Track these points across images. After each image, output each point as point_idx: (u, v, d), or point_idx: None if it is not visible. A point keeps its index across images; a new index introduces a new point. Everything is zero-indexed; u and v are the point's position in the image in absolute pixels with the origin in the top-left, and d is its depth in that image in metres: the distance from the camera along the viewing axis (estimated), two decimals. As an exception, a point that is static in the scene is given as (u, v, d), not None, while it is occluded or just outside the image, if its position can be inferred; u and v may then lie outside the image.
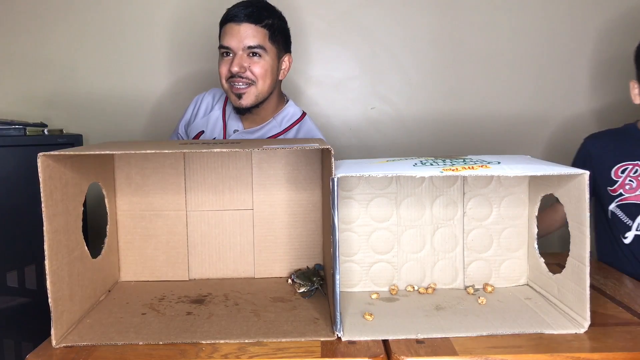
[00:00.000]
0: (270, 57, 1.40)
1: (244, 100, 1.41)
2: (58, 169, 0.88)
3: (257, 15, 1.38)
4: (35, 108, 1.96)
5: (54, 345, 0.84)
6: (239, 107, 1.43)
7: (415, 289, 1.07)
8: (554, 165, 0.89)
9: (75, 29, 1.96)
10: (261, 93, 1.42)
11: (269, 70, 1.41)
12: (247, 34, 1.37)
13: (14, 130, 1.57)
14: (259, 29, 1.38)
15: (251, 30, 1.37)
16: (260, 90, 1.41)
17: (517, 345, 0.81)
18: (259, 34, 1.38)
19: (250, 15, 1.37)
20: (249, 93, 1.40)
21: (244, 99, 1.40)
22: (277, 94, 1.52)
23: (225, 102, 1.56)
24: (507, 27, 1.97)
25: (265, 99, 1.44)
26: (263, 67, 1.39)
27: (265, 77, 1.40)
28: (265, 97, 1.44)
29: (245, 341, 0.84)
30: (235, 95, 1.41)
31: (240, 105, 1.42)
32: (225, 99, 1.56)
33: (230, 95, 1.43)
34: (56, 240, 0.86)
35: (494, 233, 1.07)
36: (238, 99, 1.41)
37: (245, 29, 1.37)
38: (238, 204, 1.16)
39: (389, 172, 0.86)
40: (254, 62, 1.39)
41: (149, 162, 1.14)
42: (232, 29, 1.38)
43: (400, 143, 2.02)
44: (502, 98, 2.00)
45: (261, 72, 1.39)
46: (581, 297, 0.86)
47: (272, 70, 1.42)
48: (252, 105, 1.42)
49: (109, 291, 1.08)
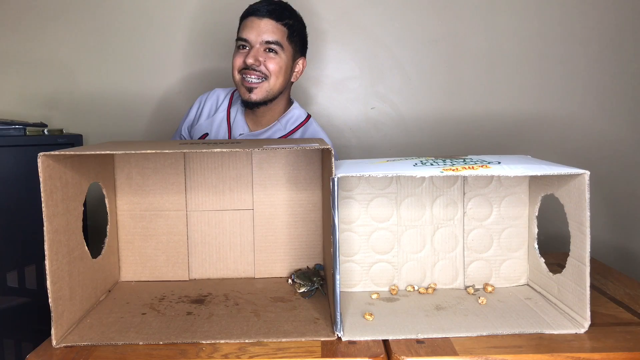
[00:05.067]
0: (285, 56, 1.41)
1: (255, 95, 1.40)
2: (58, 169, 0.88)
3: (279, 13, 1.39)
4: (36, 108, 1.96)
5: (54, 345, 0.84)
6: (248, 100, 1.42)
7: (415, 289, 1.07)
8: (554, 165, 0.89)
9: (76, 29, 1.96)
10: (272, 90, 1.41)
11: (283, 68, 1.41)
12: (267, 29, 1.38)
13: (14, 130, 1.57)
14: (279, 26, 1.39)
15: (271, 25, 1.38)
16: (272, 86, 1.41)
17: (517, 345, 0.81)
18: (278, 31, 1.39)
19: (273, 12, 1.39)
20: (260, 88, 1.40)
21: (254, 92, 1.40)
22: (286, 96, 1.51)
23: (230, 105, 1.55)
24: (507, 27, 1.97)
25: (274, 97, 1.44)
26: (278, 64, 1.40)
27: (279, 74, 1.40)
28: (275, 96, 1.43)
29: (246, 341, 0.84)
30: (246, 88, 1.40)
31: (249, 99, 1.41)
32: (229, 101, 1.55)
33: (240, 88, 1.43)
34: (56, 240, 0.86)
35: (494, 233, 1.07)
36: (248, 92, 1.40)
37: (265, 24, 1.38)
38: (238, 204, 1.16)
39: (389, 172, 0.86)
40: (269, 58, 1.39)
41: (149, 162, 1.14)
42: (253, 22, 1.39)
43: (400, 143, 2.02)
44: (502, 98, 2.00)
45: (275, 68, 1.39)
46: (581, 297, 0.86)
47: (286, 69, 1.42)
48: (262, 101, 1.42)
49: (109, 291, 1.09)
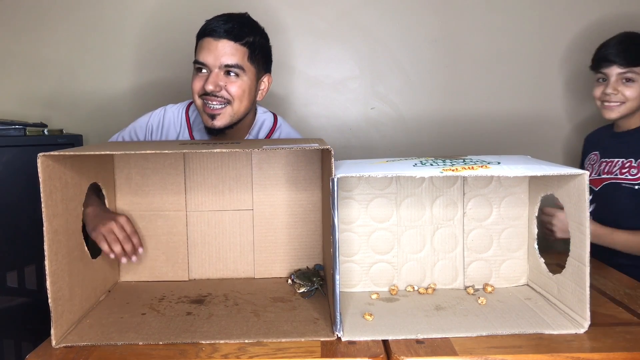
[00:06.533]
0: (248, 77, 1.30)
1: (218, 121, 1.29)
2: (58, 169, 0.88)
3: (237, 32, 1.27)
4: (35, 108, 1.96)
5: (54, 346, 0.84)
6: (212, 127, 1.31)
7: (415, 289, 1.07)
8: (553, 166, 0.89)
9: (75, 29, 1.96)
10: (237, 114, 1.31)
11: (247, 91, 1.31)
12: (225, 51, 1.26)
13: (14, 130, 1.57)
14: (239, 47, 1.27)
15: (229, 47, 1.26)
16: (235, 111, 1.30)
17: (517, 345, 0.81)
18: (237, 53, 1.27)
19: (230, 32, 1.26)
20: (223, 114, 1.29)
21: (217, 119, 1.29)
22: (252, 112, 1.41)
23: (190, 128, 1.43)
24: (508, 26, 1.97)
25: (240, 120, 1.34)
26: (240, 87, 1.29)
27: (242, 97, 1.30)
28: (240, 119, 1.34)
29: (245, 341, 0.84)
30: (209, 115, 1.30)
31: (213, 126, 1.30)
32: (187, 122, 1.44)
33: (202, 114, 1.32)
34: (56, 241, 0.86)
35: (494, 233, 1.07)
36: (211, 120, 1.29)
37: (223, 46, 1.26)
38: (238, 204, 1.16)
39: (389, 172, 0.86)
40: (230, 82, 1.28)
41: (149, 162, 1.14)
42: (210, 44, 1.27)
43: (400, 143, 2.02)
44: (502, 98, 2.00)
45: (238, 92, 1.28)
46: (581, 297, 0.86)
47: (249, 91, 1.31)
48: (226, 126, 1.32)
49: (109, 291, 1.09)
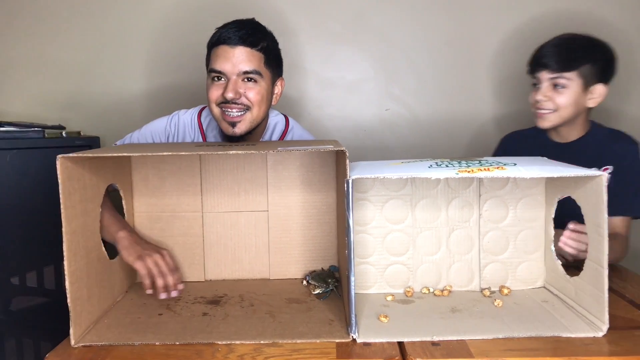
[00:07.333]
0: (265, 82, 1.30)
1: (238, 129, 1.29)
2: (76, 171, 0.89)
3: (252, 38, 1.27)
4: (54, 110, 1.99)
5: (73, 345, 0.85)
6: (233, 135, 1.32)
7: (430, 291, 1.06)
8: (570, 167, 0.88)
9: (92, 34, 1.98)
10: (256, 119, 1.32)
11: (265, 96, 1.31)
12: (242, 58, 1.26)
13: (33, 132, 1.59)
14: (255, 53, 1.28)
15: (246, 54, 1.27)
16: (255, 116, 1.31)
17: (534, 348, 0.80)
18: (254, 58, 1.28)
19: (245, 38, 1.27)
20: (244, 120, 1.29)
21: (238, 127, 1.29)
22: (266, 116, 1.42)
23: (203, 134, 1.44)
24: (522, 27, 1.95)
25: (258, 125, 1.35)
26: (259, 93, 1.29)
27: (261, 103, 1.31)
28: (258, 124, 1.35)
29: (261, 342, 0.84)
30: (229, 123, 1.30)
31: (233, 133, 1.31)
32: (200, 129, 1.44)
33: (221, 122, 1.32)
34: (74, 242, 0.87)
35: (510, 235, 1.07)
36: (232, 127, 1.30)
37: (240, 53, 1.26)
38: (253, 205, 1.17)
39: (404, 173, 0.86)
40: (249, 88, 1.28)
41: (166, 164, 1.15)
42: (226, 52, 1.27)
43: (415, 144, 2.01)
44: (518, 99, 1.98)
45: (257, 97, 1.29)
46: (599, 300, 0.85)
47: (267, 96, 1.32)
48: (246, 132, 1.32)
49: (127, 292, 1.10)
